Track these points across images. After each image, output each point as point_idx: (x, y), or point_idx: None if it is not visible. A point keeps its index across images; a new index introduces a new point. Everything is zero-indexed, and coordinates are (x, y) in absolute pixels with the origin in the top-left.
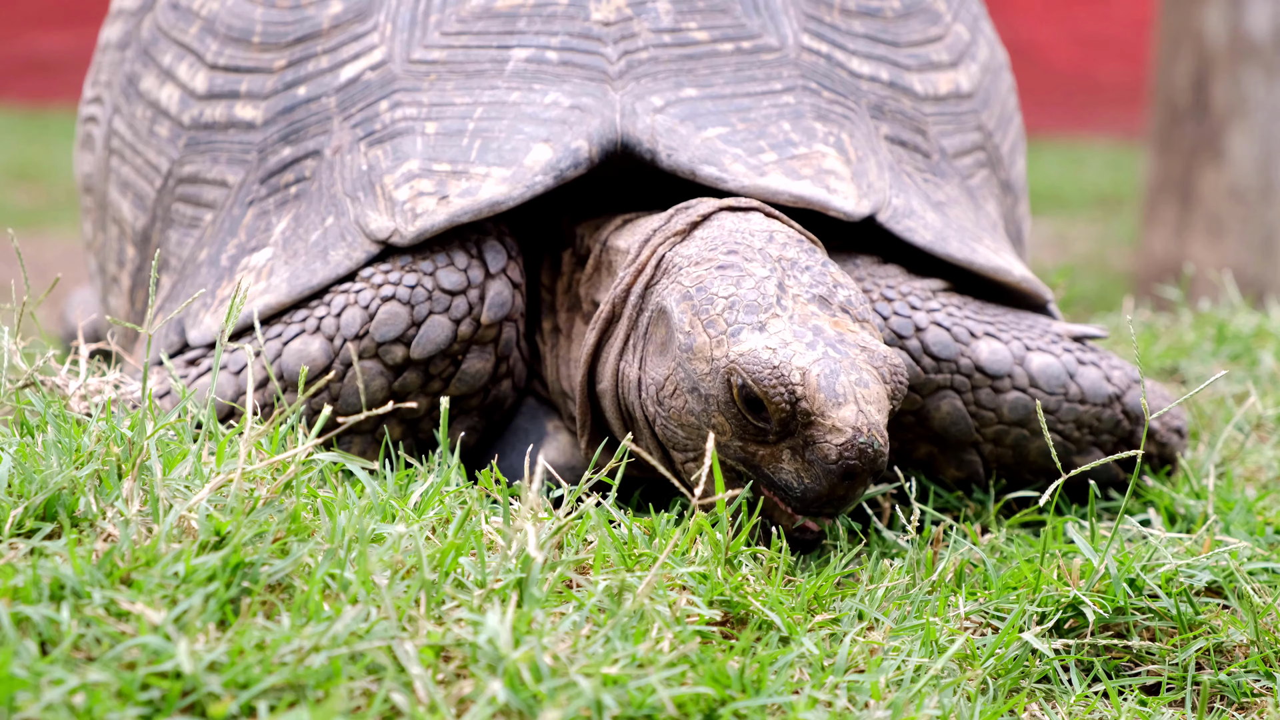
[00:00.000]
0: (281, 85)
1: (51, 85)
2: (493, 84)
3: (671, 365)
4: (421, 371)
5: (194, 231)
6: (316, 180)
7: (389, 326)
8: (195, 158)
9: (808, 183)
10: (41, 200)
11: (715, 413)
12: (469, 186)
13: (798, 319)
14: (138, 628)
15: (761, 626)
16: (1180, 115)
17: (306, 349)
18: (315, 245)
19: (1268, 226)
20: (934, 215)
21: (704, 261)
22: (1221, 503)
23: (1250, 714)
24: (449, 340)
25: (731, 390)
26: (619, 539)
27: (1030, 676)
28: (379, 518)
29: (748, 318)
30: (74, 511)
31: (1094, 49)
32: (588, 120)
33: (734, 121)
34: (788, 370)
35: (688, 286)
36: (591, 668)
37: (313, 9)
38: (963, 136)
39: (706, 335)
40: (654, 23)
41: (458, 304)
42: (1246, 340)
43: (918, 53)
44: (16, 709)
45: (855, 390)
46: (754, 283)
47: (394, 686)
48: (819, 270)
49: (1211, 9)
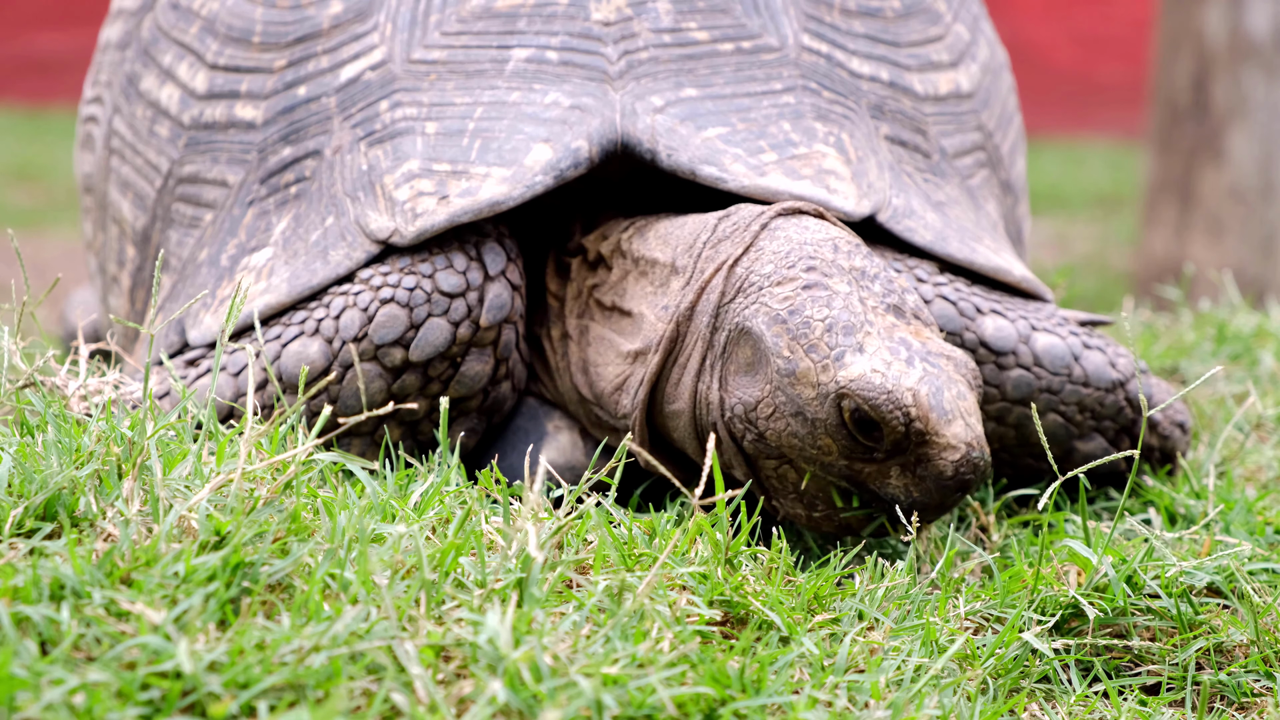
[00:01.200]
0: (282, 85)
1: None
2: (493, 84)
3: (767, 389)
4: (420, 374)
5: (194, 231)
6: (317, 180)
7: (388, 329)
8: (195, 158)
9: (808, 183)
10: (41, 200)
11: (822, 435)
12: (469, 186)
13: (884, 333)
14: (138, 628)
15: (761, 626)
16: (1180, 115)
17: (305, 351)
18: (315, 245)
19: (1268, 226)
20: (934, 215)
21: (786, 281)
22: (1222, 503)
23: (1250, 714)
24: (448, 343)
25: (842, 414)
26: (619, 539)
27: (1030, 676)
28: (379, 518)
29: (847, 340)
30: (74, 511)
31: (1094, 49)
32: (588, 120)
33: (734, 121)
34: (900, 393)
35: (778, 309)
36: (591, 668)
37: (313, 9)
38: (963, 136)
39: (810, 361)
40: (654, 23)
41: (457, 306)
42: (1246, 340)
43: (918, 53)
44: (16, 709)
45: (958, 404)
46: (842, 301)
47: (394, 686)
48: (885, 278)
49: (1211, 9)
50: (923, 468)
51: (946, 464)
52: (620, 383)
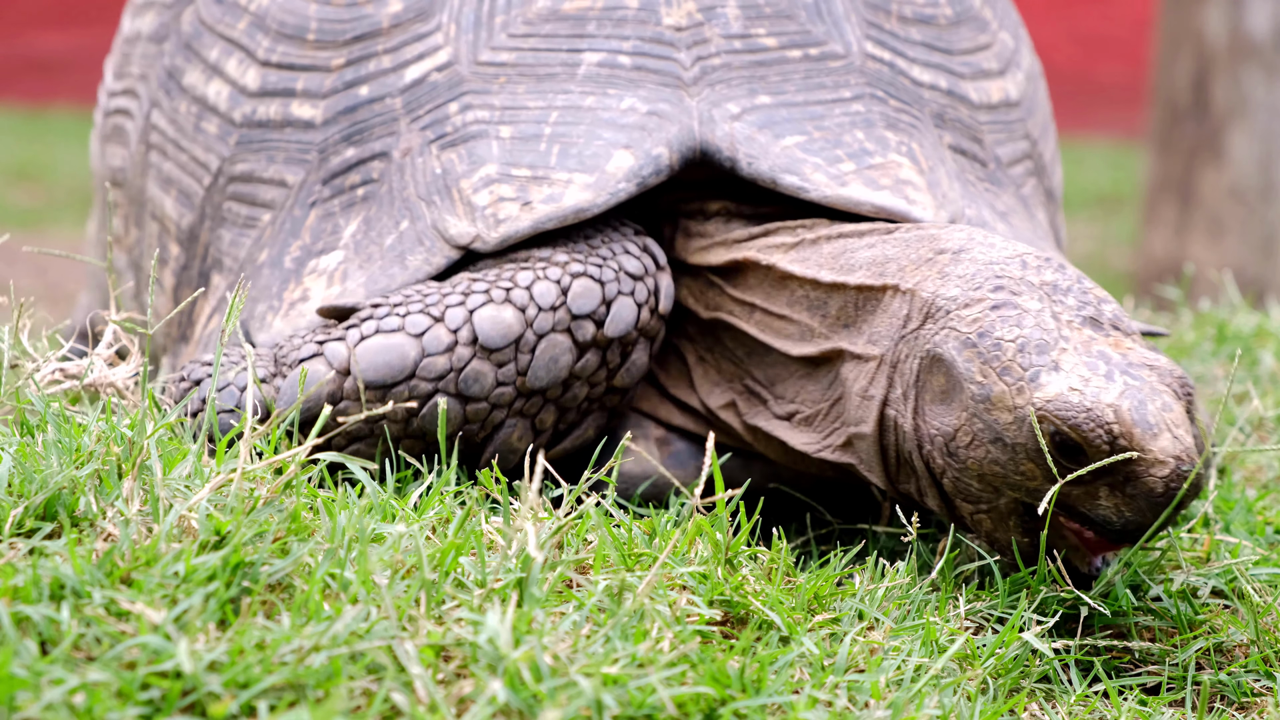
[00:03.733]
0: (341, 84)
1: (51, 85)
2: (565, 88)
3: (964, 416)
4: (601, 355)
5: (250, 231)
6: (386, 183)
7: (585, 299)
8: (249, 156)
9: (887, 193)
10: (41, 200)
11: (1024, 460)
12: (552, 193)
13: (1081, 348)
14: (138, 627)
15: (761, 626)
16: (1180, 115)
17: (501, 314)
18: (391, 249)
19: (1268, 226)
20: (1003, 226)
21: (974, 303)
22: (1222, 503)
23: (1250, 714)
24: (633, 323)
25: (1042, 437)
26: (619, 539)
27: (1030, 676)
28: (379, 517)
29: (1040, 359)
30: (74, 511)
31: (1094, 49)
32: (666, 127)
33: (810, 130)
34: (1100, 410)
35: (967, 333)
36: (591, 667)
37: (370, 7)
38: (1013, 145)
39: (1004, 384)
40: (724, 28)
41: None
42: (1246, 340)
43: (970, 60)
44: (16, 709)
45: (1164, 416)
46: (1033, 319)
47: (394, 686)
48: (1079, 290)
49: (1211, 9)
50: (1132, 486)
51: (1156, 480)
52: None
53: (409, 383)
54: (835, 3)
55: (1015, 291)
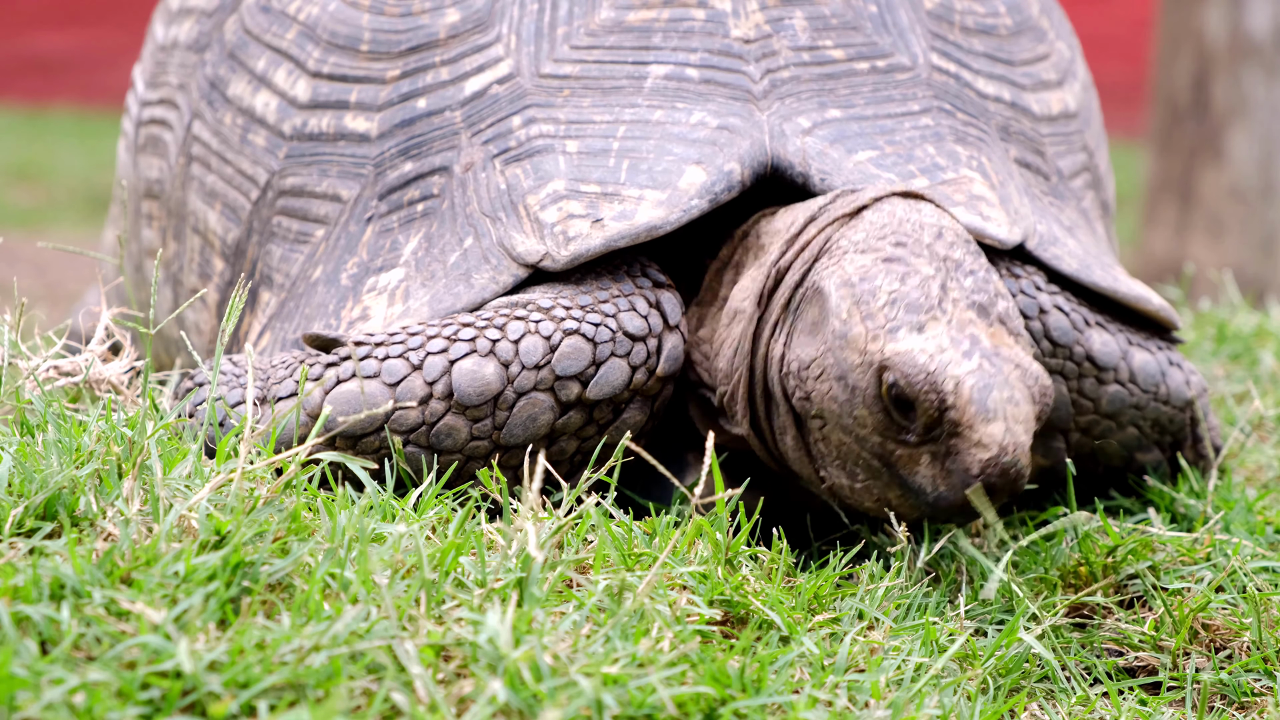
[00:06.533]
0: (397, 96)
1: (51, 85)
2: (632, 101)
3: (821, 348)
4: (586, 413)
5: (302, 247)
6: (447, 198)
7: (571, 360)
8: (300, 169)
9: (962, 209)
10: (41, 200)
11: (860, 405)
12: (623, 210)
13: (956, 325)
14: (138, 627)
15: (762, 626)
16: (1180, 115)
17: (480, 370)
18: (455, 267)
19: (1268, 226)
20: (1072, 241)
21: (870, 250)
22: (1222, 502)
23: (1250, 713)
24: (624, 386)
25: (881, 386)
26: (619, 538)
27: (1030, 676)
28: (379, 517)
29: (908, 316)
30: (74, 511)
31: (1094, 49)
32: (737, 142)
33: (881, 144)
34: (942, 377)
35: (850, 273)
36: (591, 667)
37: (426, 18)
38: (1073, 158)
39: (864, 327)
40: (793, 40)
41: (638, 351)
42: (1246, 340)
43: (1030, 71)
44: (16, 708)
45: (1006, 408)
46: (919, 280)
47: (394, 686)
48: (982, 276)
49: (1211, 9)
50: (952, 460)
51: (974, 461)
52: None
53: (379, 434)
54: (900, 13)
55: (915, 253)
